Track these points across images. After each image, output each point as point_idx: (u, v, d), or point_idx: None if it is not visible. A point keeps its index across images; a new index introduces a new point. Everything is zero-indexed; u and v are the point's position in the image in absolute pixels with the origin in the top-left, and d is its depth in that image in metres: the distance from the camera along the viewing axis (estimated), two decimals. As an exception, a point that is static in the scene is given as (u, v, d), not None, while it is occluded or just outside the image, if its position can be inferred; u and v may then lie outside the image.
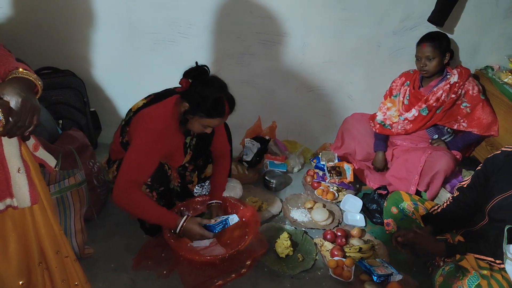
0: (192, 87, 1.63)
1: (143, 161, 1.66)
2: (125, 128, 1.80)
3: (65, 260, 1.28)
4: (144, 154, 1.65)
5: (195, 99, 1.61)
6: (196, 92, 1.61)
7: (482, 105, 2.25)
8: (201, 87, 1.61)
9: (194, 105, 1.62)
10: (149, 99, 1.82)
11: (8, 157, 1.01)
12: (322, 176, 2.49)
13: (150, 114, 1.71)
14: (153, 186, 1.79)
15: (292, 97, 2.66)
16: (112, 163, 1.94)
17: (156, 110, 1.72)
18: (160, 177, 1.79)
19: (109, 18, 2.33)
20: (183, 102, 1.66)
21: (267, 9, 2.32)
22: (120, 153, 1.86)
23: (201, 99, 1.59)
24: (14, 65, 1.01)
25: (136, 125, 1.72)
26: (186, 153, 1.89)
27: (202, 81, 1.63)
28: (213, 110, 1.61)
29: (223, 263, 1.73)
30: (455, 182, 2.20)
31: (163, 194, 1.84)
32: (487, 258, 1.48)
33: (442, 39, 2.22)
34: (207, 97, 1.59)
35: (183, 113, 1.67)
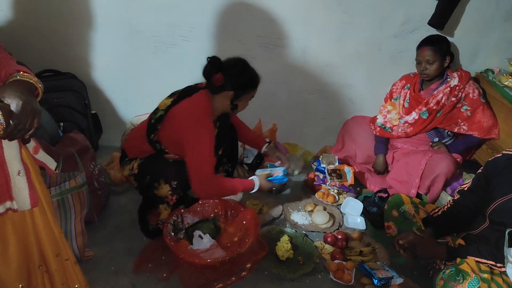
0: (227, 76, 1.75)
1: (209, 151, 1.76)
2: (156, 126, 1.82)
3: (65, 263, 1.28)
4: (207, 145, 1.75)
5: (237, 82, 1.77)
6: (233, 77, 1.76)
7: (483, 108, 2.25)
8: (233, 73, 1.76)
9: (240, 87, 1.78)
10: (175, 97, 1.86)
11: (8, 160, 1.01)
12: (322, 178, 2.49)
13: (190, 110, 1.77)
14: (176, 190, 1.83)
15: (293, 99, 2.66)
16: (128, 160, 1.94)
17: (194, 105, 1.79)
18: (185, 182, 1.83)
19: (111, 21, 2.34)
20: (223, 92, 1.78)
21: (268, 12, 2.33)
22: (142, 152, 1.89)
23: (242, 79, 1.78)
24: (15, 68, 1.01)
25: (177, 123, 1.77)
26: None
27: (228, 68, 1.76)
28: (253, 80, 1.82)
29: (223, 266, 1.73)
30: (455, 185, 2.20)
31: (180, 200, 1.88)
32: (487, 262, 1.48)
33: (442, 43, 2.22)
34: (244, 74, 1.78)
35: (232, 101, 1.80)
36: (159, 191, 1.84)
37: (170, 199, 1.85)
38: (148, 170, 1.86)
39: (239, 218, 1.95)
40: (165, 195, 1.84)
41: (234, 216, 1.98)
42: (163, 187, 1.82)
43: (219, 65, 1.74)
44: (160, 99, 2.58)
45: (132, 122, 2.58)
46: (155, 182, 1.83)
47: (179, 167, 1.81)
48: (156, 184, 1.83)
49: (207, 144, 1.75)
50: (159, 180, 1.82)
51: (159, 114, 1.83)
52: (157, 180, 1.83)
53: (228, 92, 1.77)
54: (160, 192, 1.84)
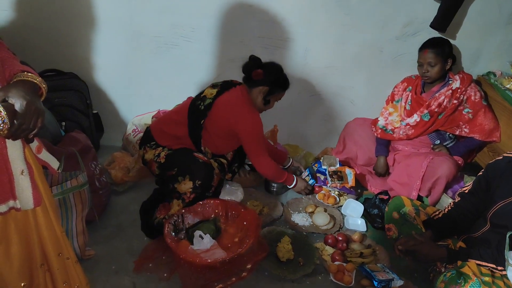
0: (266, 73, 1.97)
1: (262, 134, 2.08)
2: (206, 112, 1.96)
3: (66, 262, 1.28)
4: (261, 128, 2.03)
5: (274, 80, 2.00)
6: (272, 74, 1.99)
7: (484, 111, 2.25)
8: (271, 71, 2.00)
9: (274, 85, 2.01)
10: (219, 88, 2.01)
11: (12, 159, 1.01)
12: (323, 180, 2.49)
13: (239, 100, 1.97)
14: (197, 190, 1.86)
15: (294, 101, 2.66)
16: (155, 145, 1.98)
17: (239, 97, 1.99)
18: (207, 184, 1.88)
19: (113, 21, 2.35)
20: (256, 88, 2.00)
21: (270, 14, 2.33)
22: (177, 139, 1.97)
23: (277, 79, 2.01)
24: (19, 68, 1.02)
25: (228, 111, 1.95)
26: None
27: (267, 66, 1.99)
28: (286, 82, 2.05)
29: (223, 267, 1.73)
30: (456, 187, 2.19)
31: (196, 200, 1.90)
32: (488, 265, 1.47)
33: (444, 45, 2.22)
34: (280, 76, 2.02)
35: (265, 96, 2.01)
36: (180, 186, 1.86)
37: (188, 197, 1.87)
38: (177, 163, 1.89)
39: (240, 219, 1.95)
40: (184, 191, 1.86)
41: (235, 217, 1.98)
42: (186, 183, 1.85)
43: (259, 63, 1.97)
44: (162, 99, 2.61)
45: (133, 122, 2.59)
46: (180, 176, 1.86)
47: (208, 168, 1.89)
48: (181, 178, 1.86)
49: (260, 130, 2.02)
50: (185, 175, 1.85)
51: (207, 102, 1.96)
52: (183, 174, 1.85)
53: (264, 87, 1.99)
54: (181, 187, 1.86)
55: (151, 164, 1.96)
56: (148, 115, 2.56)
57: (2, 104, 0.89)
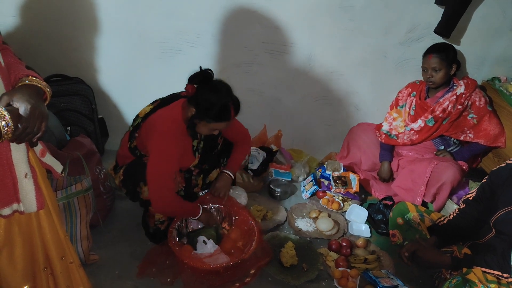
0: (199, 93, 1.65)
1: (167, 165, 1.69)
2: (134, 134, 1.83)
3: (70, 265, 1.29)
4: (165, 158, 1.69)
5: (202, 105, 1.63)
6: (203, 98, 1.63)
7: (489, 117, 2.24)
8: (207, 94, 1.63)
9: (201, 111, 1.65)
10: (156, 104, 1.86)
11: (16, 162, 1.02)
12: (327, 185, 2.49)
13: (160, 119, 1.74)
14: None
15: (298, 106, 2.66)
16: (119, 168, 1.96)
17: (165, 114, 1.75)
18: None
19: (118, 27, 2.37)
20: (189, 107, 1.68)
21: (274, 19, 2.35)
22: (127, 158, 1.89)
23: (208, 105, 1.62)
24: (24, 72, 1.03)
25: (148, 130, 1.75)
26: (195, 156, 1.91)
27: (208, 87, 1.65)
28: (219, 115, 1.65)
29: (227, 272, 1.73)
30: (461, 193, 2.18)
31: None
32: (494, 272, 1.46)
33: (449, 51, 2.22)
34: (214, 104, 1.62)
35: (191, 118, 1.69)
36: (143, 194, 1.84)
37: None
38: (130, 175, 1.86)
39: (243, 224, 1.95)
40: (149, 198, 1.80)
41: (238, 222, 1.98)
42: (145, 190, 1.82)
43: (201, 78, 1.66)
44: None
45: (138, 127, 2.60)
46: (137, 186, 1.84)
47: None
48: (138, 188, 1.84)
49: (171, 156, 1.69)
50: (139, 183, 1.82)
51: (137, 122, 1.84)
52: (137, 183, 1.83)
53: (192, 108, 1.67)
54: (144, 195, 1.84)
55: (120, 186, 1.94)
56: (152, 120, 2.58)
57: (6, 108, 0.90)
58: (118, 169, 1.96)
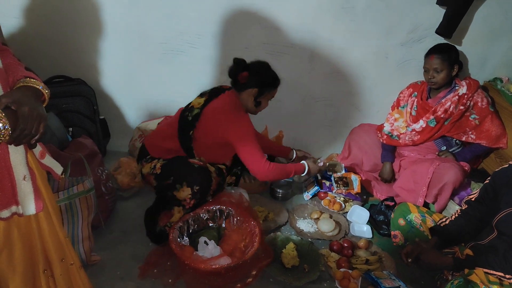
0: (254, 73, 1.91)
1: (254, 139, 1.92)
2: (194, 123, 1.91)
3: (70, 267, 1.29)
4: (251, 134, 1.93)
5: (261, 80, 1.92)
6: (258, 75, 1.92)
7: (491, 117, 2.24)
8: (258, 70, 1.92)
9: (263, 85, 1.93)
10: (207, 96, 1.98)
11: (14, 164, 1.01)
12: (328, 186, 2.48)
13: (226, 107, 1.91)
14: (196, 196, 1.85)
15: (299, 107, 2.66)
16: (150, 158, 1.96)
17: (227, 103, 1.93)
18: (206, 189, 1.88)
19: (120, 28, 2.38)
20: (247, 90, 1.92)
21: (275, 20, 2.35)
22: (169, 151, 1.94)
23: (265, 77, 1.93)
24: (22, 74, 1.02)
25: (216, 119, 1.89)
26: None
27: (252, 67, 1.93)
28: (275, 79, 1.97)
29: (228, 273, 1.72)
30: (463, 194, 2.17)
31: (196, 205, 1.91)
32: (497, 273, 1.45)
33: (451, 51, 2.21)
34: (267, 74, 1.94)
35: (255, 98, 1.94)
36: (179, 193, 1.86)
37: (188, 203, 1.87)
38: (172, 172, 1.87)
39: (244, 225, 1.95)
40: (183, 198, 1.86)
41: (240, 222, 1.98)
42: (185, 190, 1.84)
43: (244, 65, 1.91)
44: (168, 105, 2.63)
45: (139, 127, 2.61)
46: (177, 183, 1.85)
47: (204, 173, 1.87)
48: (178, 185, 1.85)
49: (251, 133, 1.93)
50: (182, 183, 1.84)
51: (195, 112, 1.92)
52: (180, 182, 1.85)
53: (252, 89, 1.91)
54: (179, 195, 1.86)
55: (149, 178, 1.95)
56: (154, 121, 2.58)
57: (4, 110, 0.90)
58: (149, 159, 1.96)
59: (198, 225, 1.98)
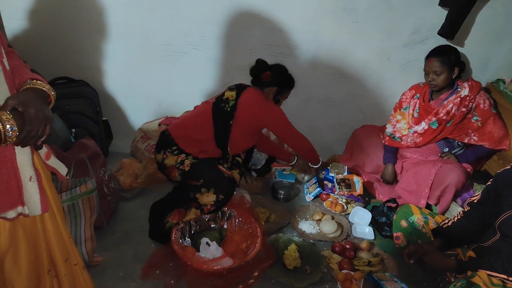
0: (276, 74, 2.08)
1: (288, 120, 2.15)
2: (233, 113, 1.99)
3: (74, 268, 1.29)
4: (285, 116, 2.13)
5: (281, 81, 2.10)
6: (278, 76, 2.09)
7: (494, 119, 2.23)
8: (278, 72, 2.10)
9: (282, 85, 2.11)
10: (236, 89, 2.06)
11: (20, 165, 1.02)
12: (330, 188, 2.48)
13: (259, 98, 2.05)
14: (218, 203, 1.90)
15: (302, 108, 2.67)
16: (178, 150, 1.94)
17: (258, 95, 2.06)
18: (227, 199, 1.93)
19: (123, 29, 2.39)
20: (268, 88, 2.07)
21: (278, 22, 2.35)
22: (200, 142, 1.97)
23: (284, 79, 2.11)
24: (29, 75, 1.03)
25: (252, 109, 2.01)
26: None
27: (274, 68, 2.09)
28: (292, 81, 2.16)
29: (230, 274, 1.73)
30: (466, 196, 2.17)
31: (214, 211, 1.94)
32: (499, 275, 1.45)
33: (450, 54, 2.19)
34: (286, 76, 2.13)
35: (274, 96, 2.10)
36: (202, 197, 1.86)
37: (208, 208, 1.89)
38: (202, 174, 1.87)
39: (246, 226, 1.95)
40: (205, 203, 1.87)
41: (242, 224, 1.99)
42: (210, 196, 1.85)
43: (266, 65, 2.08)
44: (170, 106, 2.64)
45: (142, 128, 2.62)
46: (204, 187, 1.86)
47: (232, 184, 1.91)
48: (204, 189, 1.86)
49: (285, 116, 2.12)
50: (210, 188, 1.85)
51: (232, 103, 2.00)
52: (208, 187, 1.85)
53: (272, 88, 2.07)
54: (203, 199, 1.87)
55: (172, 170, 1.93)
56: (156, 122, 2.59)
57: (11, 111, 0.91)
58: (176, 151, 1.93)
59: (200, 226, 1.99)
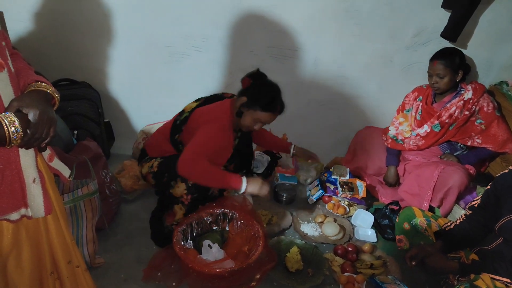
0: (253, 84, 1.88)
1: (209, 142, 1.82)
2: (181, 127, 1.93)
3: (76, 270, 1.29)
4: (211, 137, 1.83)
5: (255, 93, 1.85)
6: (256, 88, 1.86)
7: (498, 122, 2.21)
8: (261, 85, 1.89)
9: (253, 99, 1.84)
10: (201, 101, 2.00)
11: (24, 167, 1.02)
12: (333, 190, 2.48)
13: (211, 110, 1.91)
14: (191, 190, 1.86)
15: (304, 110, 2.66)
16: (149, 158, 2.00)
17: (215, 107, 1.92)
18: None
19: (126, 31, 2.39)
20: (240, 97, 1.87)
21: (280, 24, 2.35)
22: (164, 150, 1.96)
23: (260, 94, 1.84)
24: (33, 77, 1.04)
25: (196, 121, 1.89)
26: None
27: (262, 81, 1.90)
28: (267, 104, 1.84)
29: (232, 276, 1.72)
30: (469, 198, 2.16)
31: (197, 199, 1.90)
32: (503, 279, 1.44)
33: (455, 56, 2.18)
34: (265, 93, 1.85)
35: (240, 106, 1.87)
36: (175, 190, 1.87)
37: (185, 199, 1.88)
38: (167, 169, 1.89)
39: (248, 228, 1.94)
40: (180, 195, 1.87)
41: (243, 226, 1.98)
42: (180, 186, 1.85)
43: (257, 76, 1.90)
44: (172, 108, 2.61)
45: (144, 130, 2.62)
46: (172, 180, 1.87)
47: None
48: (173, 182, 1.87)
49: (211, 137, 1.81)
50: (176, 179, 1.86)
51: (184, 116, 1.95)
52: (174, 178, 1.86)
53: (244, 97, 1.87)
54: (176, 191, 1.87)
55: (147, 176, 1.98)
56: (158, 125, 2.59)
57: (16, 114, 0.91)
58: (148, 159, 2.00)
59: (201, 228, 1.98)
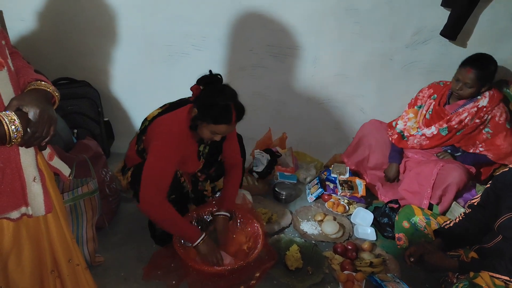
0: (202, 94, 1.66)
1: (163, 165, 1.68)
2: (141, 137, 1.85)
3: (76, 268, 1.30)
4: (163, 158, 1.68)
5: (204, 105, 1.63)
6: (206, 98, 1.64)
7: (506, 134, 2.14)
8: (210, 94, 1.64)
9: (203, 111, 1.64)
10: (164, 108, 1.88)
11: (24, 166, 1.02)
12: (332, 188, 2.48)
13: (165, 121, 1.76)
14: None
15: (303, 109, 2.66)
16: (127, 170, 1.97)
17: (170, 117, 1.77)
18: (172, 184, 1.76)
19: (125, 30, 2.39)
20: (194, 108, 1.69)
21: (279, 23, 2.35)
22: (135, 161, 1.91)
23: (209, 105, 1.62)
24: (33, 76, 1.04)
25: (152, 132, 1.76)
26: (199, 161, 1.91)
27: (212, 88, 1.66)
28: (220, 116, 1.61)
29: (232, 275, 1.72)
30: (468, 196, 2.16)
31: (176, 201, 1.85)
32: (502, 277, 1.44)
33: (489, 70, 2.06)
34: (215, 104, 1.61)
35: (193, 119, 1.69)
36: None
37: None
38: (137, 177, 1.79)
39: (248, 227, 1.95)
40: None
41: (243, 224, 1.98)
42: None
43: (208, 80, 1.67)
44: (172, 107, 2.63)
45: (143, 129, 2.62)
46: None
47: None
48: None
49: (163, 158, 1.67)
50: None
51: (144, 125, 1.86)
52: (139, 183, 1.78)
53: (195, 109, 1.68)
54: None
55: (127, 187, 1.96)
56: (158, 123, 2.59)
57: (16, 112, 0.91)
58: (126, 170, 1.97)
59: (201, 227, 1.98)
